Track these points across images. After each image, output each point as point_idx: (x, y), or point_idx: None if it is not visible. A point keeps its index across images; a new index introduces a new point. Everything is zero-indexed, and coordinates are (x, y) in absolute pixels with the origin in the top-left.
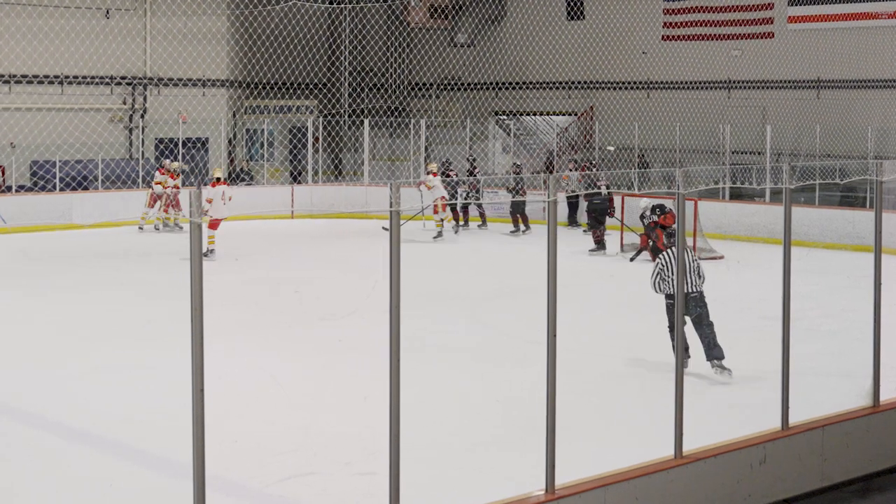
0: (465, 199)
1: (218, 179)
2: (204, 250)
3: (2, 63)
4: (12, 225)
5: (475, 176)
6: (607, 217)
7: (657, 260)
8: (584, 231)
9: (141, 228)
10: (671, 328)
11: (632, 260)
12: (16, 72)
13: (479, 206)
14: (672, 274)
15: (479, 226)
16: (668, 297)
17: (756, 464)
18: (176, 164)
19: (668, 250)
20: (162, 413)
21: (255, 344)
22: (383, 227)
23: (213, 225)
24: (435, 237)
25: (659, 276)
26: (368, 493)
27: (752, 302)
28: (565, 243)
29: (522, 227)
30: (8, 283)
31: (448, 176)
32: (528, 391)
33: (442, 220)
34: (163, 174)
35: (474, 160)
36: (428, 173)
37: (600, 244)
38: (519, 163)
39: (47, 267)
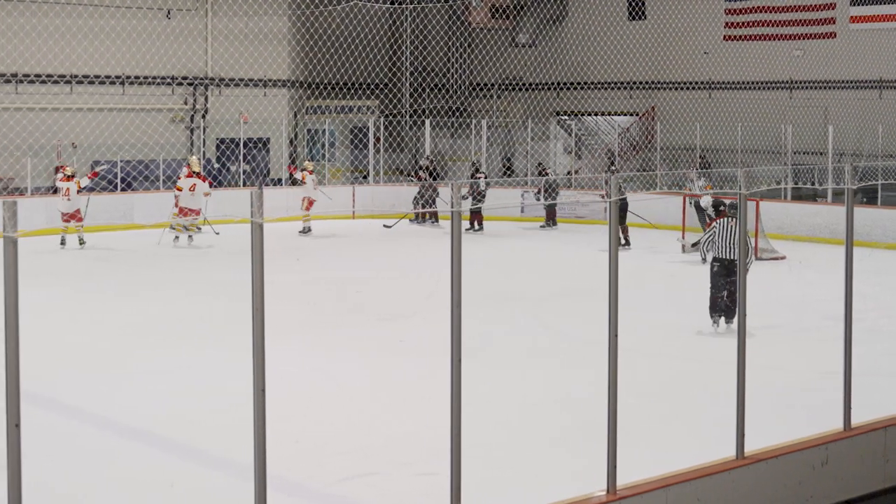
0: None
1: (197, 173)
2: (177, 235)
3: (63, 63)
4: (72, 225)
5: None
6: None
7: (711, 227)
8: (542, 226)
9: (173, 228)
10: (713, 290)
11: (684, 250)
12: (77, 72)
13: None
14: (721, 240)
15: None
16: (715, 260)
17: (818, 465)
18: (195, 158)
19: (721, 220)
20: (222, 413)
21: (315, 344)
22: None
23: (186, 213)
24: (302, 232)
25: (710, 241)
26: (429, 493)
27: (814, 302)
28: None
29: (477, 226)
30: (68, 282)
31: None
32: (587, 392)
33: (308, 217)
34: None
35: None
36: (303, 170)
37: (624, 240)
38: (478, 164)
39: (108, 266)
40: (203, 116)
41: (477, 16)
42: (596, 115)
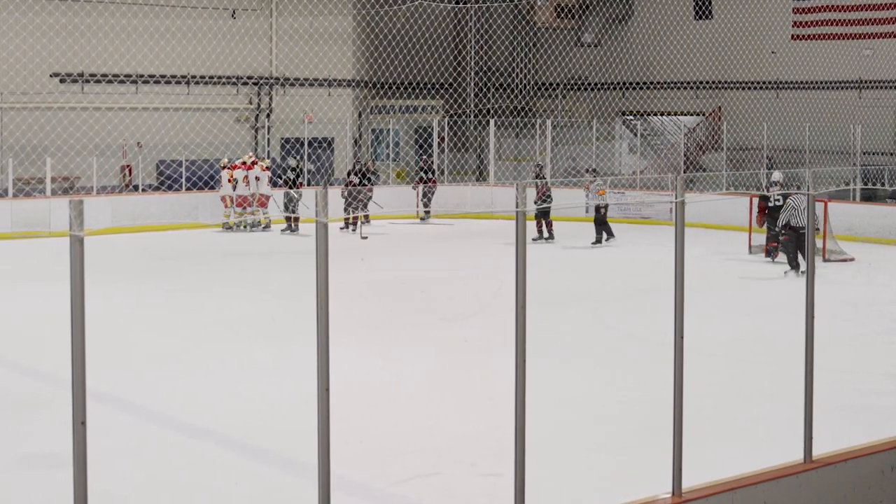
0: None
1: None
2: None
3: (129, 63)
4: (138, 223)
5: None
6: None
7: (789, 200)
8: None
9: (267, 227)
10: (788, 254)
11: (751, 252)
12: (143, 72)
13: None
14: (797, 212)
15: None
16: (790, 228)
17: (888, 469)
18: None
19: (797, 196)
20: (286, 412)
21: (379, 343)
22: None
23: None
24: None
25: (788, 214)
26: (493, 494)
27: (884, 305)
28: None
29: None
30: (134, 281)
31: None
32: (652, 393)
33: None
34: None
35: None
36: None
37: (542, 234)
38: (364, 168)
39: (173, 266)
40: (268, 116)
41: (542, 15)
42: (662, 115)
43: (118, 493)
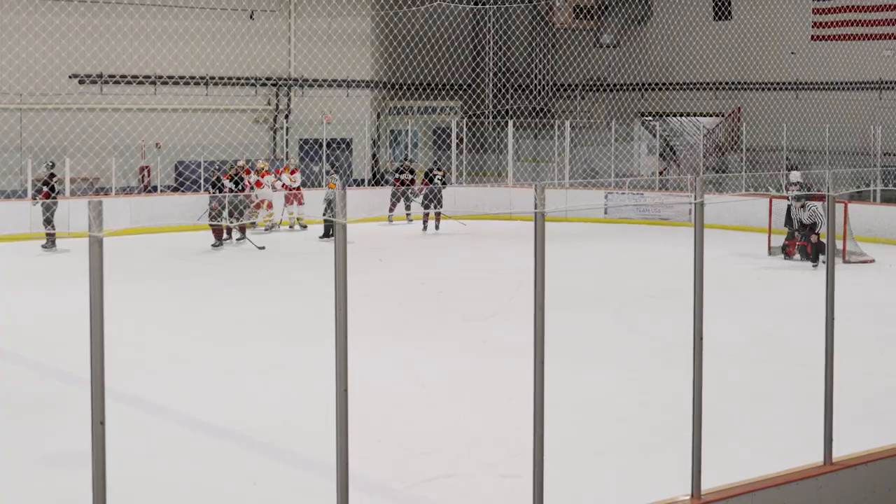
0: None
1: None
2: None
3: (148, 64)
4: (157, 224)
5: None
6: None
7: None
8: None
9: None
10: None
11: (770, 253)
12: (161, 73)
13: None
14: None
15: None
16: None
17: None
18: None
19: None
20: (305, 413)
21: (398, 344)
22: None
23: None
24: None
25: (821, 222)
26: (513, 495)
27: None
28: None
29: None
30: (152, 282)
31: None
32: (672, 394)
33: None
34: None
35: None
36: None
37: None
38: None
39: (191, 267)
40: (286, 117)
41: (560, 16)
42: (681, 115)
43: (136, 493)
